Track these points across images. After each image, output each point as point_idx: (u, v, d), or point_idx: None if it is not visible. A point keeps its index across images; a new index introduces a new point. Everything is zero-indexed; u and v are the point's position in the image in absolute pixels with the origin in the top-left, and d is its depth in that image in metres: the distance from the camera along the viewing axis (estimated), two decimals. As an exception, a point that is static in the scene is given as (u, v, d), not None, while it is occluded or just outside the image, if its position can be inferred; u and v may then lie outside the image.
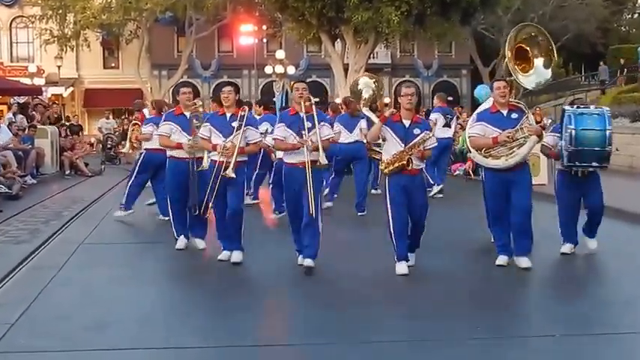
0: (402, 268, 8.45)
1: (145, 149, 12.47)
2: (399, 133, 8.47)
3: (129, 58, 44.97)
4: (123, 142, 20.22)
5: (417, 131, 8.48)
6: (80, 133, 29.07)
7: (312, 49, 46.56)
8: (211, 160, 9.21)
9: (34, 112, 24.96)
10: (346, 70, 33.19)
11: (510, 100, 8.90)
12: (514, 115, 8.80)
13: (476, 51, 48.33)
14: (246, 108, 9.30)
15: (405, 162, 8.30)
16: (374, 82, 15.30)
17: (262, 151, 12.12)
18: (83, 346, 6.18)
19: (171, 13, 42.11)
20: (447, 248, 10.00)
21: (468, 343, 6.20)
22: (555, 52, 9.76)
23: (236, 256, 9.07)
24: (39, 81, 40.01)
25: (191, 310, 7.35)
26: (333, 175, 13.84)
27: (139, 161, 12.73)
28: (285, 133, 8.70)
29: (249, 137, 9.14)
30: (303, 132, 8.57)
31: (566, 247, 9.65)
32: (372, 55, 36.01)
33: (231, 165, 8.83)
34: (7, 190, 15.87)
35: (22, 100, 27.12)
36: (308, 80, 39.87)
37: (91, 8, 39.59)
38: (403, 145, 8.40)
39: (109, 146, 29.39)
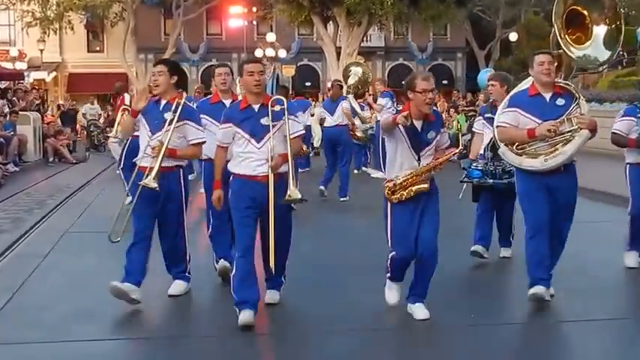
0: (392, 295, 6.71)
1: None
2: (412, 140, 6.35)
3: (114, 41, 43.94)
4: (108, 129, 19.46)
5: (431, 135, 6.40)
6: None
7: (303, 32, 45.79)
8: (140, 166, 7.02)
9: (15, 98, 24.39)
10: (339, 53, 32.73)
11: (557, 80, 6.91)
12: (560, 101, 6.75)
13: (471, 33, 47.49)
14: (184, 94, 7.91)
15: (426, 186, 6.32)
16: (363, 74, 16.55)
17: None
18: (68, 336, 6.20)
19: (157, -5, 41.11)
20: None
21: (458, 330, 6.36)
22: (623, 21, 7.79)
23: (176, 288, 7.27)
24: (21, 65, 38.85)
25: (178, 299, 7.18)
26: (327, 169, 13.86)
27: None
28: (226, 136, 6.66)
29: (189, 136, 7.06)
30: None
31: (631, 259, 8.19)
32: (365, 38, 35.48)
33: (154, 171, 6.72)
34: (-12, 178, 15.79)
35: (3, 85, 26.79)
36: (300, 64, 39.67)
37: (75, -11, 38.48)
38: (416, 156, 6.35)
39: (92, 133, 28.54)
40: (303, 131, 6.82)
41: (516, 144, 6.81)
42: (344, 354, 5.79)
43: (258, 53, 38.21)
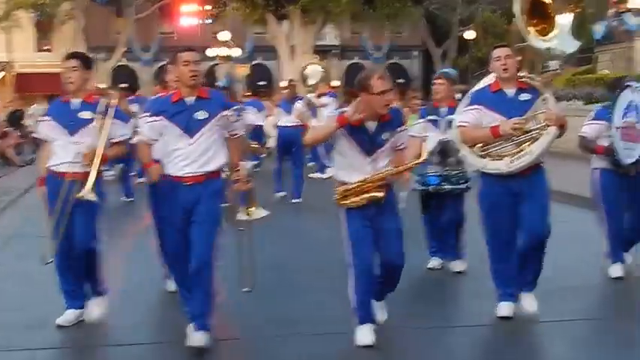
0: (364, 335, 5.85)
1: None
2: (361, 144, 5.79)
3: (63, 40, 43.13)
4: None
5: (385, 136, 5.82)
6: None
7: (257, 31, 45.15)
8: (53, 172, 6.33)
9: None
10: (293, 51, 32.29)
11: (520, 75, 6.38)
12: (524, 96, 6.22)
13: (428, 32, 47.37)
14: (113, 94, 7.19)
15: (380, 195, 5.74)
16: (321, 68, 16.54)
17: None
18: (14, 344, 6.03)
19: (108, -7, 40.48)
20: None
21: (411, 331, 6.32)
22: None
23: (92, 311, 6.48)
24: (-33, 65, 38.11)
25: (127, 307, 6.97)
26: (276, 166, 13.85)
27: None
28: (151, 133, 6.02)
29: (112, 134, 6.43)
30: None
31: (618, 269, 7.74)
32: (320, 37, 35.04)
33: (91, 181, 6.14)
34: None
35: None
36: (253, 63, 39.18)
37: (23, -13, 37.76)
38: (371, 161, 5.78)
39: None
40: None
41: (479, 145, 6.29)
42: (301, 357, 5.78)
43: (211, 52, 37.69)
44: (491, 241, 6.45)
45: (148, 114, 6.05)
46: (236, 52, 39.03)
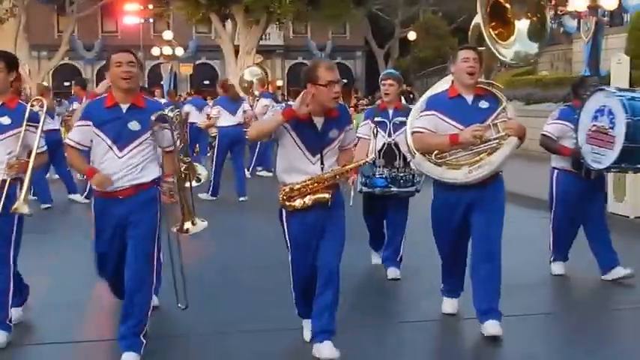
0: (309, 330, 5.70)
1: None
2: (308, 140, 5.41)
3: (5, 38, 42.18)
4: None
5: (333, 134, 5.47)
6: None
7: (201, 30, 45.17)
8: None
9: None
10: (237, 51, 32.29)
11: (479, 80, 6.06)
12: (483, 104, 5.93)
13: (371, 32, 47.70)
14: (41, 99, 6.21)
15: (327, 196, 5.40)
16: (259, 68, 16.93)
17: None
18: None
19: (50, -9, 39.93)
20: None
21: (359, 327, 6.29)
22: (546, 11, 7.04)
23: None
24: None
25: (80, 304, 6.95)
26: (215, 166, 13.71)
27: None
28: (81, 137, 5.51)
29: (27, 143, 5.78)
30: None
31: (559, 267, 7.84)
32: (263, 37, 35.15)
33: (23, 193, 5.71)
34: None
35: None
36: (197, 62, 38.92)
37: (-38, -17, 37.00)
38: (318, 160, 5.44)
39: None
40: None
41: (435, 153, 5.94)
42: (247, 356, 5.76)
43: (156, 51, 37.50)
44: (442, 251, 6.32)
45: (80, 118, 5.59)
46: (180, 51, 38.87)
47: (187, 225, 5.75)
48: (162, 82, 31.06)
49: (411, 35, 44.73)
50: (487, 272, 5.95)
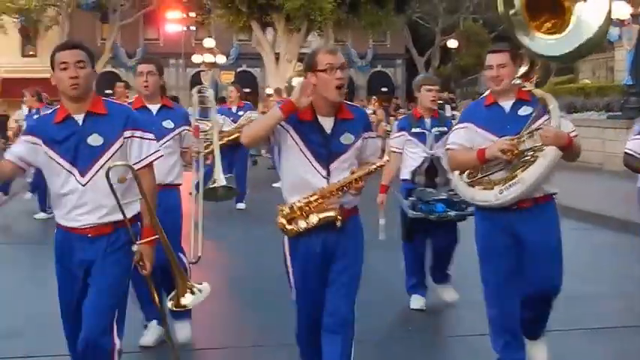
0: None
1: None
2: (314, 145, 4.40)
3: (48, 45, 42.65)
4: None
5: (347, 139, 4.45)
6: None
7: (242, 38, 45.27)
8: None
9: None
10: (278, 59, 32.32)
11: (521, 84, 5.21)
12: (524, 110, 5.04)
13: (411, 40, 47.60)
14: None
15: (333, 214, 4.35)
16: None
17: None
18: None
19: (93, -1, 40.41)
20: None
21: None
22: None
23: None
24: (-49, 69, 37.96)
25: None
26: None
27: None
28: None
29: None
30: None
31: None
32: (304, 44, 35.14)
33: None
34: None
35: None
36: (238, 70, 39.07)
37: (8, -8, 37.62)
38: (324, 171, 4.40)
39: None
40: (161, 154, 4.53)
41: (468, 172, 5.21)
42: None
43: (197, 59, 37.75)
44: (487, 286, 5.25)
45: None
46: (221, 59, 39.07)
47: (185, 300, 4.51)
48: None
49: (452, 43, 44.57)
50: (538, 311, 5.24)
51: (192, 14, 41.85)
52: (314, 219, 4.35)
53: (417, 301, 7.09)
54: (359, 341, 4.51)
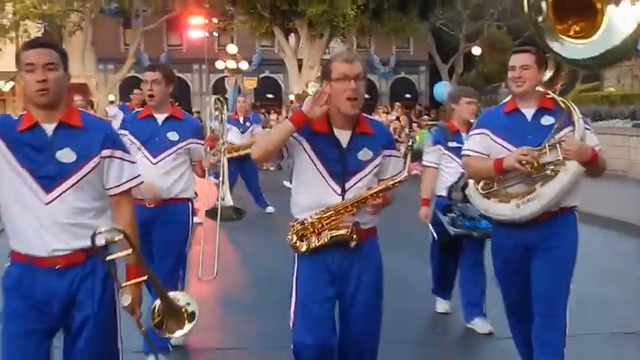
0: None
1: None
2: (328, 159, 4.08)
3: (72, 51, 43.02)
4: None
5: (365, 155, 4.11)
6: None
7: (264, 44, 45.24)
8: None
9: None
10: (300, 65, 32.31)
11: (545, 91, 4.84)
12: (547, 120, 4.69)
13: (435, 47, 47.36)
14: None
15: (348, 233, 4.01)
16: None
17: None
18: None
19: (116, 4, 40.57)
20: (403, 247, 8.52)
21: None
22: None
23: None
24: (-24, 74, 38.20)
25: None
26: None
27: None
28: None
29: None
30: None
31: None
32: (327, 50, 35.08)
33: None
34: None
35: None
36: (261, 76, 39.09)
37: (31, -3, 37.73)
38: (339, 189, 4.06)
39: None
40: (141, 180, 3.89)
41: (483, 182, 4.88)
42: None
43: (220, 65, 37.78)
44: (505, 300, 5.14)
45: None
46: (244, 64, 39.04)
47: (175, 333, 4.00)
48: (226, 96, 31.14)
49: (476, 50, 44.28)
50: (548, 339, 4.81)
51: (215, 20, 41.79)
52: (325, 237, 4.03)
53: (442, 305, 7.13)
54: (389, 345, 4.44)
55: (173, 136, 5.71)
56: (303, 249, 4.08)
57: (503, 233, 4.87)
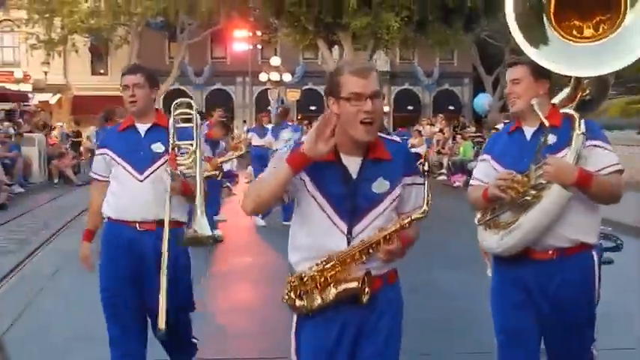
0: None
1: None
2: (331, 194, 3.31)
3: (118, 64, 43.63)
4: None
5: (381, 187, 3.32)
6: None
7: (308, 56, 45.58)
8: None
9: (20, 120, 25.21)
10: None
11: (558, 105, 4.22)
12: (551, 139, 3.95)
13: (479, 58, 47.11)
14: None
15: (358, 285, 3.23)
16: None
17: None
18: (70, 358, 6.20)
19: (162, 18, 40.93)
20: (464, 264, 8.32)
21: None
22: None
23: None
24: (25, 87, 38.99)
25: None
26: None
27: None
28: None
29: None
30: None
31: None
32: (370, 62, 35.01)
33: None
34: (-6, 200, 16.30)
35: (8, 106, 27.72)
36: (304, 88, 39.41)
37: (79, 12, 38.46)
38: (345, 227, 3.30)
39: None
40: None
41: (481, 212, 4.23)
42: None
43: (263, 77, 37.96)
44: (496, 338, 4.20)
45: None
46: (287, 77, 39.20)
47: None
48: (269, 108, 31.28)
49: (521, 61, 43.95)
50: None
51: (259, 33, 42.17)
52: (331, 293, 3.26)
53: None
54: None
55: (159, 147, 4.95)
56: (304, 310, 3.31)
57: (500, 270, 4.17)
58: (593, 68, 4.05)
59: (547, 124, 3.87)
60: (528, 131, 4.05)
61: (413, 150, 22.51)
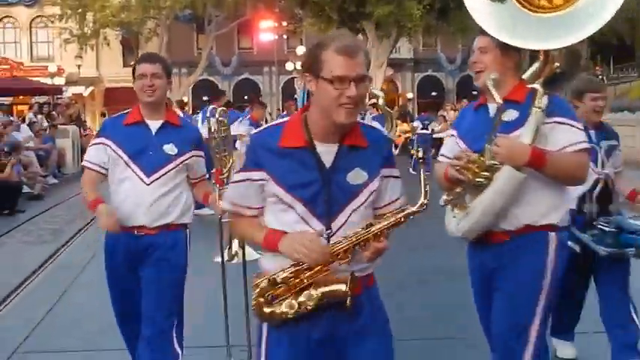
0: None
1: None
2: (303, 187, 2.83)
3: (148, 56, 44.56)
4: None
5: (358, 177, 2.86)
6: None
7: (333, 45, 45.96)
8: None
9: (54, 112, 25.35)
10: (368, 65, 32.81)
11: (525, 80, 3.86)
12: (509, 115, 3.67)
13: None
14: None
15: (342, 289, 2.75)
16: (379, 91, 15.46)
17: None
18: (103, 346, 6.07)
19: (190, 11, 41.77)
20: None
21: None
22: None
23: None
24: (59, 81, 39.89)
25: (206, 310, 6.44)
26: None
27: None
28: None
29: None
30: None
31: None
32: (393, 50, 35.58)
33: None
34: (29, 190, 16.15)
35: (42, 99, 27.99)
36: (329, 76, 39.61)
37: (110, 7, 39.17)
38: (320, 224, 2.83)
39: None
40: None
41: (446, 194, 3.83)
42: None
43: (289, 66, 38.62)
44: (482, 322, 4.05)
45: None
46: (313, 66, 39.72)
47: None
48: (295, 97, 32.05)
49: (542, 46, 44.30)
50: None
51: (285, 23, 42.69)
52: (311, 296, 2.77)
53: (566, 349, 5.52)
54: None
55: (171, 149, 4.49)
56: (273, 319, 2.84)
57: (469, 252, 3.97)
58: (559, 39, 3.90)
59: (500, 101, 3.60)
60: (493, 107, 3.71)
61: (436, 135, 23.17)
